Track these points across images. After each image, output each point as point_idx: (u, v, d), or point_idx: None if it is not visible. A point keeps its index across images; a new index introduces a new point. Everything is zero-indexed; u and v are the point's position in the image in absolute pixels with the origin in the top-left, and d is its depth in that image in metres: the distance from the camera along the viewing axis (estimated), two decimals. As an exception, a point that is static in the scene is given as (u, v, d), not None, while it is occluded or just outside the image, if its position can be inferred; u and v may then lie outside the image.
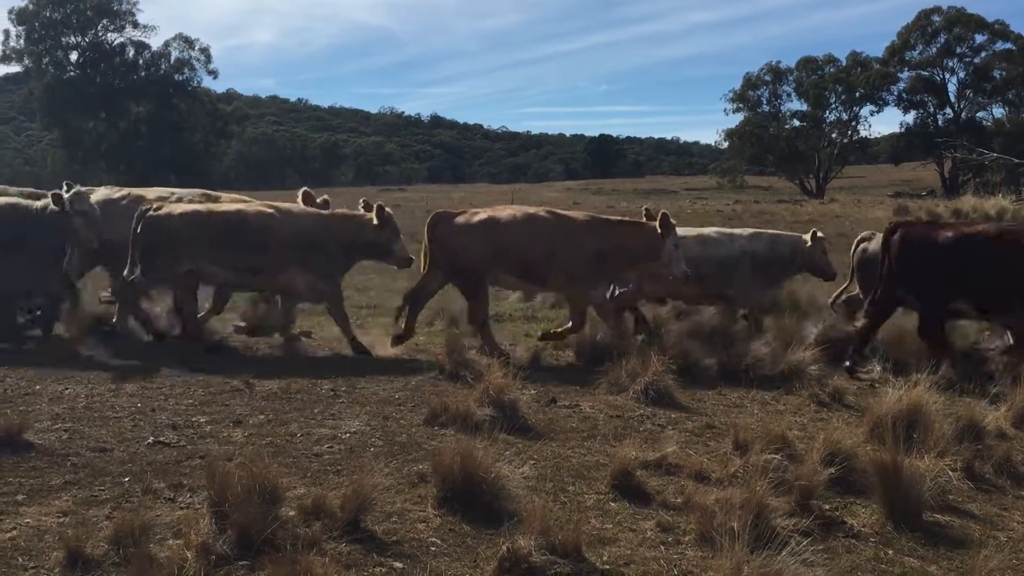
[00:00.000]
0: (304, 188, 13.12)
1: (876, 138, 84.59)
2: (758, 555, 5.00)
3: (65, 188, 10.64)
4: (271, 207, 11.29)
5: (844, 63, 77.30)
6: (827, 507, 6.33)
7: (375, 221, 11.20)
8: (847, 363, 10.65)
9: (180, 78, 72.57)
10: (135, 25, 71.52)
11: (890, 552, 5.77)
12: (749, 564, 4.91)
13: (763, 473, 6.17)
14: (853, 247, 13.11)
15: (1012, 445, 7.93)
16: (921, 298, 10.70)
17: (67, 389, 8.68)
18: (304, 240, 10.94)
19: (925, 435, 7.25)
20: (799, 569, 5.01)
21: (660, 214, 11.10)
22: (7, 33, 69.98)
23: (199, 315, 11.61)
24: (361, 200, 12.28)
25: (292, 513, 5.58)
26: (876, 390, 9.55)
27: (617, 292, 12.04)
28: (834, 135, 78.64)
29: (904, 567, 5.58)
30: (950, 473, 6.80)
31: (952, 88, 74.18)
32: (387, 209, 11.43)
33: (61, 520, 5.59)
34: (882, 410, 7.74)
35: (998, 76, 71.91)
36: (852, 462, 6.78)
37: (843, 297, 13.19)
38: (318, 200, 12.63)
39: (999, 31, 71.76)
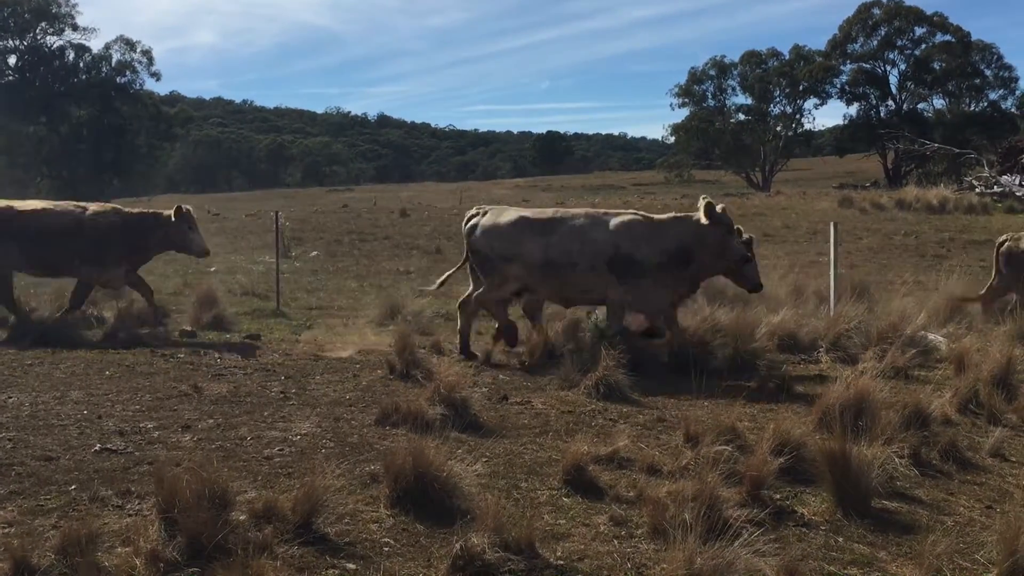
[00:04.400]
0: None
1: (820, 131, 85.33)
2: (711, 546, 5.03)
3: None
4: None
5: (787, 57, 77.91)
6: (778, 497, 6.38)
7: None
8: None
9: (122, 81, 71.51)
10: (75, 28, 70.34)
11: (840, 539, 5.82)
12: (702, 555, 4.94)
13: (714, 465, 6.22)
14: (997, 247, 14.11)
15: (957, 431, 8.05)
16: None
17: (10, 397, 8.54)
18: None
19: (872, 423, 7.35)
20: (751, 559, 5.05)
21: None
22: (-57, 37, 68.76)
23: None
24: None
25: (243, 517, 5.52)
26: (824, 380, 9.67)
27: None
28: (779, 128, 79.21)
29: (854, 554, 5.63)
30: (897, 460, 6.90)
31: (893, 80, 75.05)
32: None
33: (6, 530, 5.48)
34: (830, 399, 7.83)
35: (938, 68, 72.85)
36: (801, 451, 6.84)
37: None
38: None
39: (938, 23, 72.69)
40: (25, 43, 69.87)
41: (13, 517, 5.70)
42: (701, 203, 10.85)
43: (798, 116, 78.89)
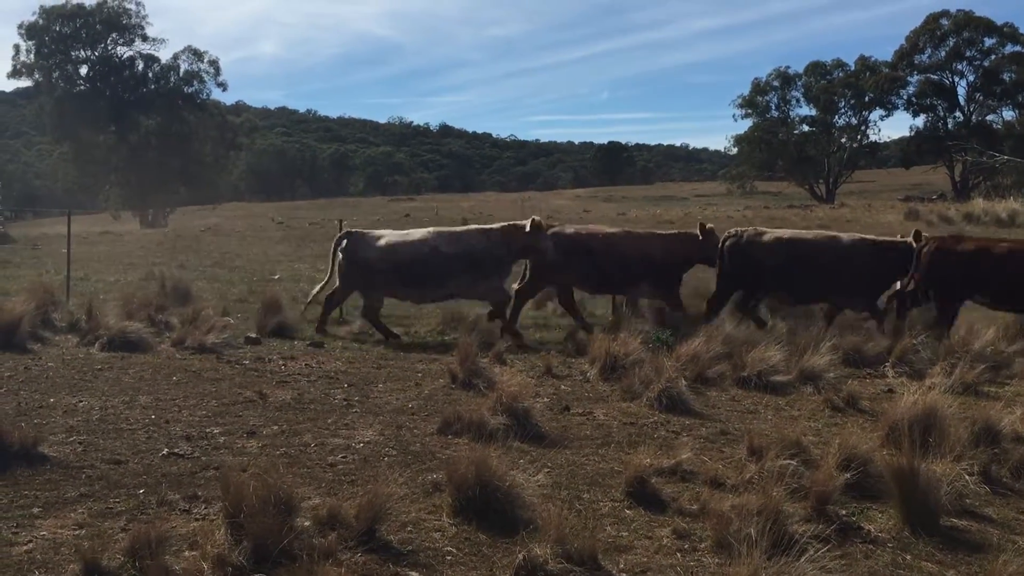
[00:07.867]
0: None
1: (886, 142, 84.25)
2: (775, 561, 4.98)
3: None
4: None
5: (853, 67, 77.09)
6: (844, 512, 6.29)
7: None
8: None
9: (189, 90, 72.52)
10: (144, 38, 71.44)
11: (908, 557, 5.74)
12: (766, 570, 4.89)
13: (779, 479, 6.15)
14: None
15: (1029, 449, 7.88)
16: None
17: (81, 402, 8.70)
18: None
19: (941, 439, 7.22)
20: (817, 575, 4.99)
21: None
22: (17, 48, 69.92)
23: None
24: None
25: (307, 523, 5.57)
26: (891, 395, 9.54)
27: None
28: (844, 140, 78.41)
29: (922, 572, 5.54)
30: (967, 477, 6.76)
31: (962, 91, 73.93)
32: None
33: (77, 532, 5.59)
34: (897, 414, 7.71)
35: (1007, 79, 71.57)
36: (868, 467, 6.75)
37: None
38: None
39: (1008, 34, 71.46)
40: (96, 53, 71.12)
41: (83, 519, 5.81)
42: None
43: (863, 127, 78.09)
